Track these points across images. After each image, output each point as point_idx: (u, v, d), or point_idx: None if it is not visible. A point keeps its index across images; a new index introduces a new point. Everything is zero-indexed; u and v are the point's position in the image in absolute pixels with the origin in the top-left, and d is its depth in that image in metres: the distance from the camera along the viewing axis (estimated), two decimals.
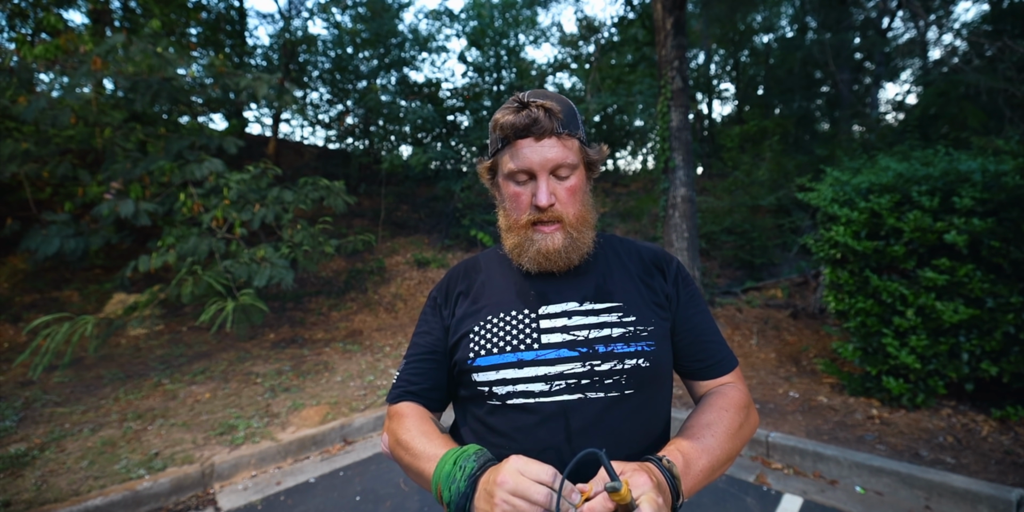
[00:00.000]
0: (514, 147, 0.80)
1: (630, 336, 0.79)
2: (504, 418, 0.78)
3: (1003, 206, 2.98)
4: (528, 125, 0.77)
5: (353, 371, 4.69)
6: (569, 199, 0.81)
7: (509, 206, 0.84)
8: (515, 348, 0.79)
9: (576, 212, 0.82)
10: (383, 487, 2.77)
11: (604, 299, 0.83)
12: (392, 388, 0.91)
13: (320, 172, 9.82)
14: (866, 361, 3.41)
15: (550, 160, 0.78)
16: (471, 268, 0.95)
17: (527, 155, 0.78)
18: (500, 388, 0.78)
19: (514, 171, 0.80)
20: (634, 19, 11.61)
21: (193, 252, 4.77)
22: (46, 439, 3.12)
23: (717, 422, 0.77)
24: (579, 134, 0.83)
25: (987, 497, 2.24)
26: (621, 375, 0.77)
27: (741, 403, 0.82)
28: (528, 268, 0.84)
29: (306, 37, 10.81)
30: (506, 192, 0.84)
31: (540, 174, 0.78)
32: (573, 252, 0.82)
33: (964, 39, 8.45)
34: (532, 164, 0.78)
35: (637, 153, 16.72)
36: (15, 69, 4.71)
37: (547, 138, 0.78)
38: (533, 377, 0.77)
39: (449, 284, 0.94)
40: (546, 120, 0.77)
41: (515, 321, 0.82)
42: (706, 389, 0.88)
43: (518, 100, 0.79)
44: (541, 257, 0.81)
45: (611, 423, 0.76)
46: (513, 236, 0.84)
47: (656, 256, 0.93)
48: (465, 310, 0.87)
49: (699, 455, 0.71)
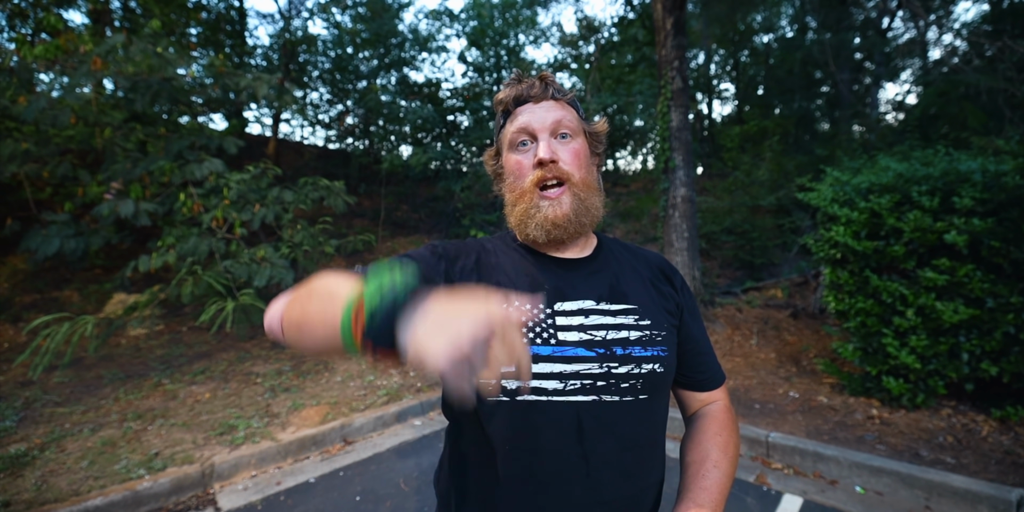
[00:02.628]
0: (514, 114, 0.82)
1: (647, 340, 0.78)
2: (510, 415, 0.73)
3: (1003, 206, 2.98)
4: (526, 91, 0.81)
5: (353, 371, 4.69)
6: (573, 160, 0.78)
7: (513, 178, 0.81)
8: (531, 341, 0.74)
9: (582, 176, 0.79)
10: (383, 487, 2.77)
11: (619, 300, 0.81)
12: None
13: (320, 172, 9.81)
14: (866, 361, 3.41)
15: (549, 118, 0.79)
16: (481, 248, 0.86)
17: (526, 117, 0.80)
18: (510, 382, 0.72)
19: (515, 133, 0.80)
20: (634, 19, 11.62)
21: (193, 252, 4.77)
22: (46, 439, 3.12)
23: (713, 449, 0.80)
24: (575, 104, 0.84)
25: (987, 497, 2.24)
26: (637, 379, 0.75)
27: (728, 423, 0.86)
28: (535, 236, 0.79)
29: (306, 37, 10.81)
30: (509, 165, 0.82)
31: (540, 133, 0.78)
32: (584, 215, 0.78)
33: (964, 39, 8.45)
34: (531, 122, 0.79)
35: (637, 153, 16.71)
36: (15, 69, 4.71)
37: (545, 101, 0.81)
38: (548, 374, 0.73)
39: (459, 250, 0.84)
40: (541, 86, 0.80)
41: (531, 312, 0.77)
42: (699, 401, 0.90)
43: (516, 76, 0.84)
44: (549, 224, 0.77)
45: (623, 427, 0.75)
46: (520, 205, 0.79)
47: (663, 264, 0.92)
48: (472, 285, 0.80)
49: (711, 492, 0.74)
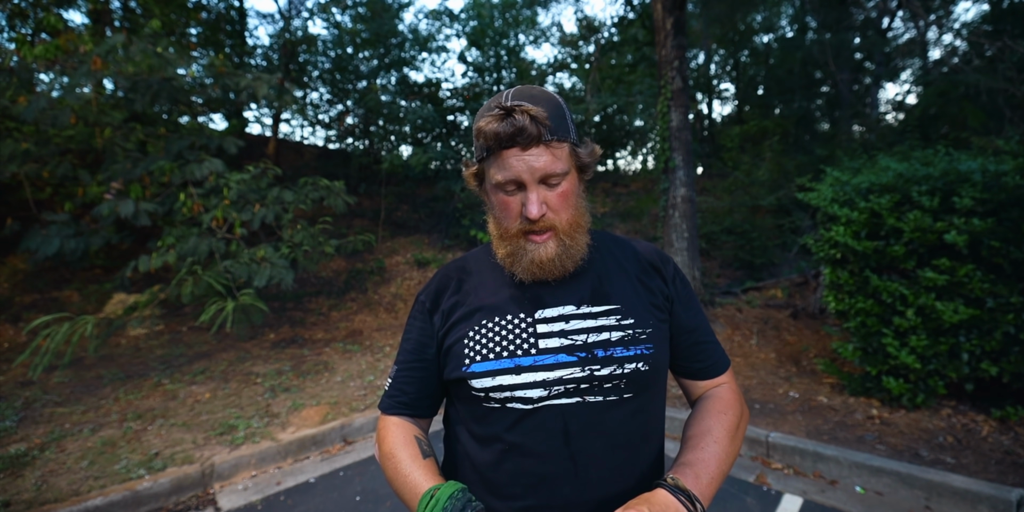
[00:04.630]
0: (500, 157, 0.74)
1: (629, 339, 0.79)
2: (500, 420, 0.78)
3: (1003, 206, 2.98)
4: (513, 135, 0.71)
5: (353, 371, 4.69)
6: (561, 205, 0.77)
7: (499, 214, 0.81)
8: (512, 353, 0.78)
9: (568, 218, 0.78)
10: (383, 487, 2.77)
11: (601, 301, 0.82)
12: (384, 396, 0.91)
13: (320, 172, 9.81)
14: (866, 361, 3.41)
15: (538, 170, 0.73)
16: (461, 270, 0.92)
17: (514, 165, 0.73)
18: (496, 394, 0.77)
19: (502, 182, 0.76)
20: (634, 19, 11.63)
21: (193, 252, 4.77)
22: (46, 439, 3.12)
23: (716, 426, 0.80)
24: (569, 137, 0.77)
25: (987, 497, 2.24)
26: (620, 379, 0.76)
27: (734, 402, 0.86)
28: (522, 277, 0.82)
29: (306, 37, 10.81)
30: (495, 200, 0.80)
31: (529, 185, 0.74)
32: (567, 259, 0.80)
33: (964, 39, 8.45)
34: (520, 174, 0.74)
35: (637, 153, 16.71)
36: (15, 69, 4.71)
37: (534, 147, 0.73)
38: (531, 383, 0.76)
39: (439, 287, 0.91)
40: (532, 128, 0.71)
41: (511, 326, 0.80)
42: (702, 388, 0.91)
43: (500, 107, 0.72)
44: (535, 267, 0.79)
45: (609, 426, 0.76)
46: (505, 245, 0.81)
47: (653, 256, 0.91)
48: (458, 315, 0.85)
49: (707, 464, 0.73)
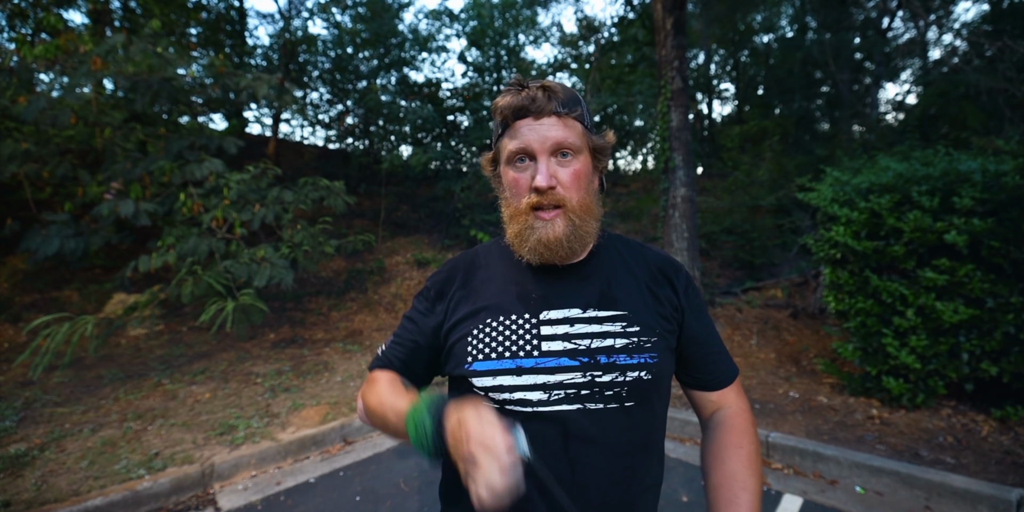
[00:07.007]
0: (513, 128, 0.77)
1: (633, 347, 0.77)
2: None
3: (1003, 206, 2.98)
4: (526, 104, 0.75)
5: (353, 371, 4.69)
6: (572, 183, 0.76)
7: (510, 194, 0.80)
8: (514, 354, 0.77)
9: (579, 199, 0.77)
10: (383, 487, 2.77)
11: (608, 306, 0.80)
12: (375, 359, 0.91)
13: (320, 172, 9.80)
14: (866, 361, 3.41)
15: (549, 138, 0.74)
16: (471, 264, 0.91)
17: (525, 134, 0.75)
18: (496, 394, 0.76)
19: (513, 152, 0.77)
20: (634, 19, 11.63)
21: (193, 252, 4.76)
22: (46, 439, 3.12)
23: (739, 468, 0.79)
24: (581, 116, 0.78)
25: (987, 497, 2.24)
26: (622, 387, 0.75)
27: (747, 430, 0.84)
28: (529, 259, 0.80)
29: (306, 37, 10.82)
30: (506, 180, 0.80)
31: (540, 154, 0.75)
32: (575, 241, 0.78)
33: (964, 39, 8.45)
34: (531, 142, 0.75)
35: (637, 153, 16.69)
36: (15, 69, 4.70)
37: (546, 117, 0.75)
38: (532, 385, 0.75)
39: (448, 277, 0.90)
40: (544, 99, 0.74)
41: (515, 326, 0.79)
42: (708, 400, 0.89)
43: (517, 82, 0.77)
44: (542, 247, 0.77)
45: (609, 435, 0.75)
46: (514, 224, 0.80)
47: (664, 264, 0.89)
48: (464, 312, 0.84)
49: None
